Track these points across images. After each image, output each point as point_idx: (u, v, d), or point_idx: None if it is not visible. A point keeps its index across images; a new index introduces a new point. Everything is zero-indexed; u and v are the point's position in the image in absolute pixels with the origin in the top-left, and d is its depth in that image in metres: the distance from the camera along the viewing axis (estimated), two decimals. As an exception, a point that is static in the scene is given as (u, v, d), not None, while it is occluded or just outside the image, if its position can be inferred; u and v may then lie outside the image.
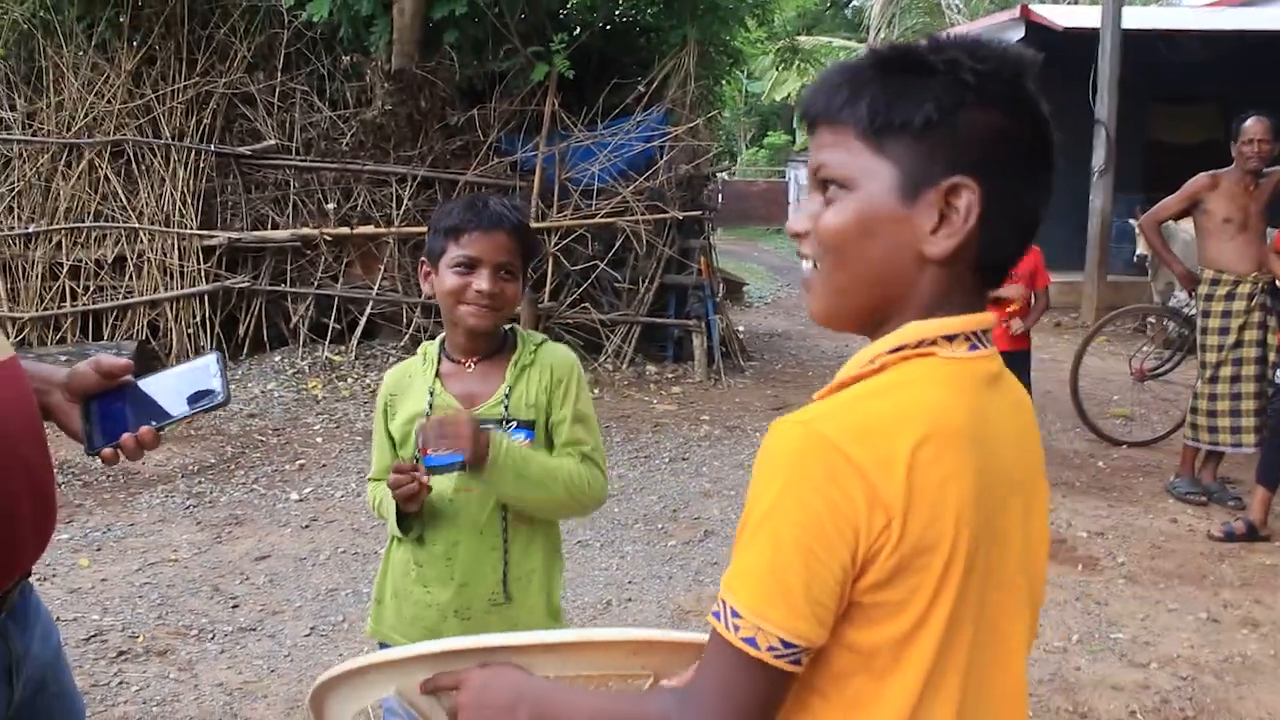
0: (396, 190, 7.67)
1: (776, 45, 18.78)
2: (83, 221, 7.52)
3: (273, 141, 7.73)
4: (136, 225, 7.48)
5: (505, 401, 1.84)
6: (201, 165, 7.61)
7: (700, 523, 4.71)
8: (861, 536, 0.84)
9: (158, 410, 1.44)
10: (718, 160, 9.88)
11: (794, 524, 0.85)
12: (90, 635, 3.52)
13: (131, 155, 7.61)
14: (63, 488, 4.98)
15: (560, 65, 7.62)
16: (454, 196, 6.86)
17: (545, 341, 1.95)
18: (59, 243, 7.50)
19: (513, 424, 1.84)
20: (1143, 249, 8.69)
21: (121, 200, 7.55)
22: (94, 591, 3.89)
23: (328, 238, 7.57)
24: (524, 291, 1.95)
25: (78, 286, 7.48)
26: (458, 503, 1.84)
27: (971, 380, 0.92)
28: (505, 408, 1.84)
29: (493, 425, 1.78)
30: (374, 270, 7.67)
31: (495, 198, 1.90)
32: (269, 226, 7.68)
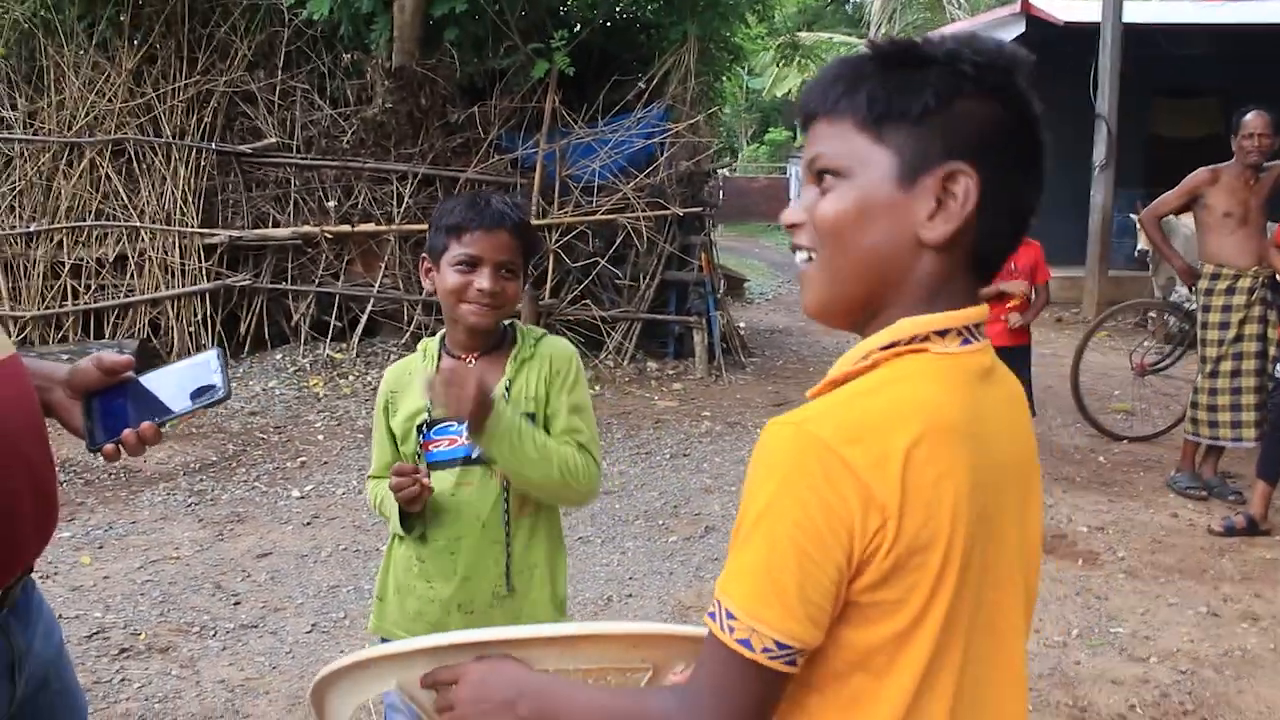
0: (397, 188, 7.68)
1: (777, 41, 18.72)
2: (84, 220, 7.53)
3: (273, 139, 7.74)
4: (138, 224, 7.50)
5: (506, 395, 1.85)
6: (202, 164, 7.62)
7: (701, 519, 4.72)
8: (857, 538, 0.85)
9: (159, 406, 1.44)
10: (718, 157, 9.87)
11: (789, 525, 0.85)
12: (92, 633, 3.53)
13: (132, 154, 7.62)
14: (64, 486, 4.99)
15: (561, 62, 7.61)
16: (454, 194, 6.86)
17: (545, 336, 1.96)
18: (60, 241, 7.52)
19: None
20: (1144, 244, 8.68)
21: (123, 199, 7.56)
22: (96, 589, 3.90)
23: (329, 235, 7.57)
24: (524, 289, 1.96)
25: (79, 285, 7.50)
26: (459, 497, 1.85)
27: (964, 375, 0.93)
28: (506, 401, 1.85)
29: (500, 393, 1.78)
30: (375, 268, 7.68)
31: (497, 196, 1.90)
32: (270, 224, 7.69)
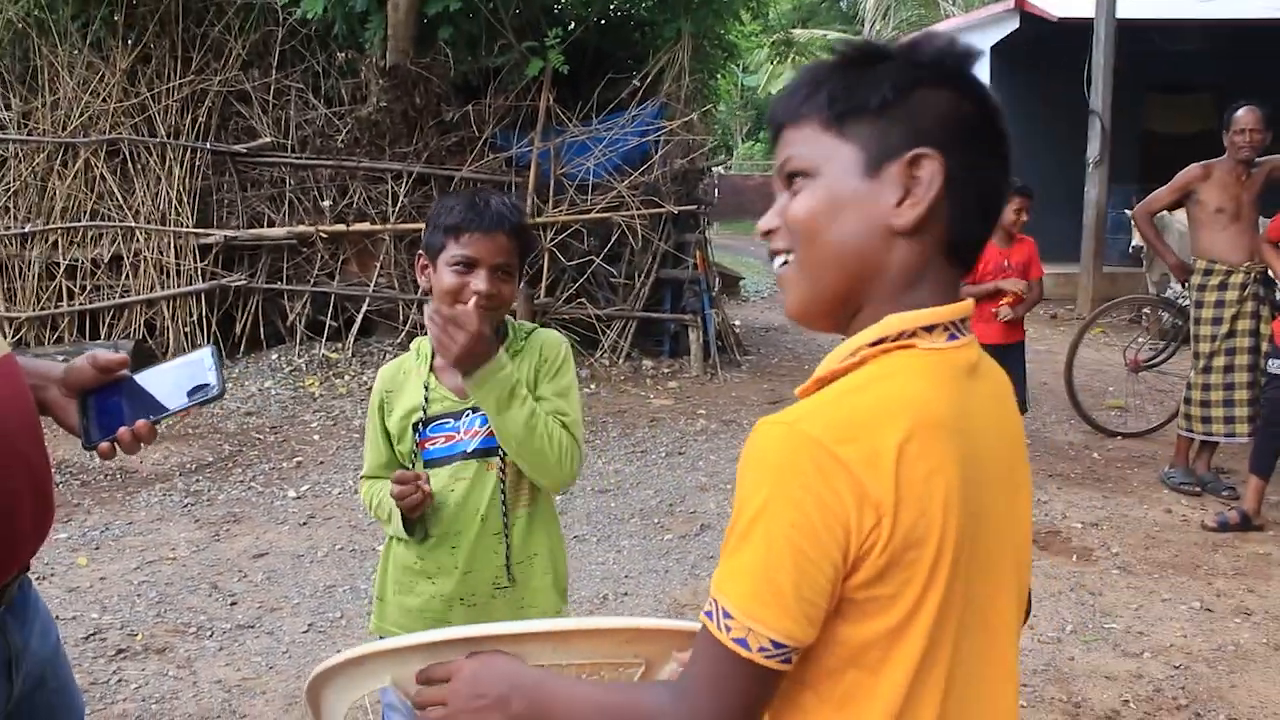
0: (392, 187, 7.68)
1: (771, 39, 18.77)
2: (79, 221, 7.53)
3: (268, 139, 7.74)
4: (133, 224, 7.49)
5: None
6: (197, 163, 7.62)
7: (696, 517, 4.73)
8: (852, 535, 0.85)
9: (154, 404, 1.45)
10: (713, 154, 9.87)
11: (785, 524, 0.85)
12: (89, 633, 3.53)
13: (127, 154, 7.62)
14: (61, 487, 4.99)
15: (555, 60, 7.62)
16: (451, 192, 6.86)
17: (536, 329, 1.97)
18: (55, 242, 7.51)
19: None
20: (1138, 240, 8.70)
21: (117, 199, 7.56)
22: (93, 590, 3.90)
23: (324, 235, 7.57)
24: (520, 288, 1.96)
25: (74, 286, 7.49)
26: (457, 492, 1.86)
27: (951, 371, 0.94)
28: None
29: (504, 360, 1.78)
30: (370, 267, 7.68)
31: (496, 196, 1.88)
32: (265, 224, 7.69)
